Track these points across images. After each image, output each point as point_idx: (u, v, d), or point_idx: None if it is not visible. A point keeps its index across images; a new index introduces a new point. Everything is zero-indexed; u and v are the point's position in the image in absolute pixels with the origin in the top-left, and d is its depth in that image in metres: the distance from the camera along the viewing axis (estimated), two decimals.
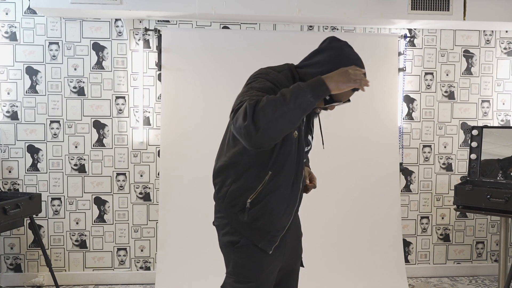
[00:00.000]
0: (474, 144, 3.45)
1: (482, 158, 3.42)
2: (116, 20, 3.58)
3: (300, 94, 1.47)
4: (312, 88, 1.50)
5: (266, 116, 1.43)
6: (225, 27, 3.65)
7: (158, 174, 3.61)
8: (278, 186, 1.68)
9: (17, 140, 3.58)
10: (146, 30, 3.57)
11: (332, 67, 1.64)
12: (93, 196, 3.64)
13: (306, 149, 1.83)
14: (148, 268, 3.70)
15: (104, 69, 3.60)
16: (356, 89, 1.67)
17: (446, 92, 3.85)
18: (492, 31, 3.85)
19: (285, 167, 1.68)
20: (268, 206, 1.69)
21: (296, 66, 1.79)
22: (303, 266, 2.02)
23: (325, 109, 1.76)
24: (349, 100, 1.76)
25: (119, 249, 3.69)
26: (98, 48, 3.58)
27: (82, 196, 3.64)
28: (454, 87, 3.86)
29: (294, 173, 1.71)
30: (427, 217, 3.90)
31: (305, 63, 1.76)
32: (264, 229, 1.73)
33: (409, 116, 3.83)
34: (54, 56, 3.56)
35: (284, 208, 1.74)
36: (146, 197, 3.67)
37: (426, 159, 3.86)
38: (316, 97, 1.50)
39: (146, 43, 3.60)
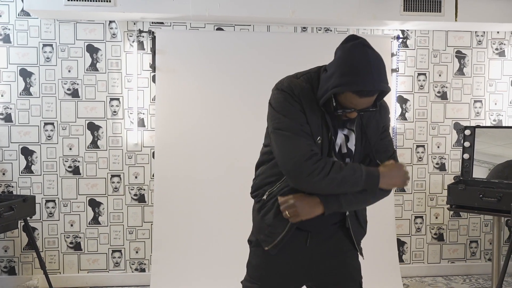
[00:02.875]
0: (467, 144, 3.48)
1: (501, 161, 3.41)
2: (110, 22, 3.58)
3: (355, 184, 1.57)
4: (366, 181, 1.59)
5: (318, 185, 1.54)
6: (219, 29, 3.66)
7: (153, 176, 3.61)
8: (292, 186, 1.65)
9: (11, 142, 3.57)
10: (140, 32, 3.57)
11: (334, 71, 1.54)
12: (88, 198, 3.64)
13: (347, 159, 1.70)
14: (143, 270, 3.70)
15: (98, 71, 3.60)
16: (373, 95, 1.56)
17: (439, 92, 3.88)
18: (484, 32, 3.89)
19: None
20: (276, 202, 1.67)
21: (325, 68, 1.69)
22: None
23: (346, 117, 1.63)
24: (374, 107, 1.60)
25: (114, 251, 3.68)
26: (92, 50, 3.58)
27: (76, 198, 3.63)
28: (446, 87, 3.89)
29: None
30: (421, 217, 3.92)
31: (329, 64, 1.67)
32: (267, 224, 1.69)
33: (403, 116, 3.85)
34: (48, 58, 3.56)
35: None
36: (141, 198, 3.67)
37: (420, 159, 3.89)
38: (365, 188, 1.59)
39: (140, 45, 3.60)
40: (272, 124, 1.63)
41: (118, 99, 3.62)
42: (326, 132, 1.63)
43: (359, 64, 1.50)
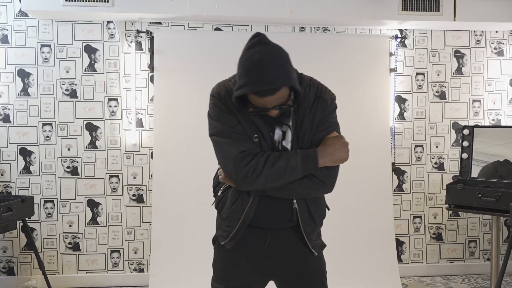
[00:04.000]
0: (465, 143, 3.48)
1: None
2: (108, 22, 3.58)
3: (292, 173, 1.57)
4: (304, 166, 1.58)
5: (256, 184, 1.57)
6: (217, 29, 3.66)
7: (151, 176, 3.61)
8: None
9: (9, 143, 3.56)
10: (138, 32, 3.57)
11: (237, 74, 1.54)
12: (86, 199, 3.64)
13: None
14: (141, 270, 3.70)
15: (96, 71, 3.59)
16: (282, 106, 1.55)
17: (437, 92, 3.88)
18: (482, 31, 3.88)
19: None
20: (229, 196, 1.69)
21: None
22: None
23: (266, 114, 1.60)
24: (285, 105, 1.56)
25: (112, 251, 3.68)
26: (90, 50, 3.58)
27: (75, 199, 3.63)
28: (445, 87, 3.88)
29: None
30: (420, 217, 3.92)
31: None
32: (223, 218, 1.71)
33: (401, 116, 3.85)
34: (46, 58, 3.56)
35: (236, 197, 1.66)
36: (139, 199, 3.67)
37: (418, 159, 3.89)
38: (305, 173, 1.59)
39: (138, 45, 3.60)
40: (208, 130, 1.69)
41: (116, 99, 3.62)
42: (267, 130, 1.62)
43: (250, 64, 1.48)
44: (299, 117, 1.64)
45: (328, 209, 1.86)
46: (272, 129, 1.64)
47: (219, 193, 1.74)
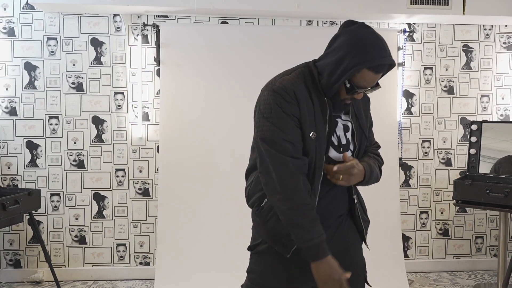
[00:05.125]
0: (473, 139, 3.45)
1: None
2: (115, 15, 3.56)
3: (299, 238, 1.54)
4: (309, 251, 1.54)
5: (280, 210, 1.57)
6: (223, 22, 3.64)
7: (157, 170, 3.61)
8: None
9: (15, 136, 3.57)
10: (145, 25, 3.55)
11: (347, 52, 1.53)
12: (92, 192, 3.64)
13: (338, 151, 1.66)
14: (147, 264, 3.70)
15: (102, 64, 3.59)
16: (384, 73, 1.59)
17: (445, 87, 3.85)
18: (492, 26, 3.84)
19: None
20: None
21: (315, 61, 1.68)
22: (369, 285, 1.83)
23: (353, 98, 1.63)
24: (378, 85, 1.61)
25: (118, 245, 3.69)
26: (96, 43, 3.57)
27: (81, 192, 3.63)
28: (453, 81, 3.85)
29: (310, 175, 1.60)
30: (427, 212, 3.90)
31: (324, 53, 1.66)
32: (276, 230, 1.63)
33: (409, 111, 3.82)
34: (52, 51, 3.55)
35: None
36: (145, 192, 3.67)
37: (426, 154, 3.86)
38: (302, 248, 1.55)
39: (145, 39, 3.58)
40: (257, 131, 1.60)
41: (122, 93, 3.61)
42: (323, 124, 1.60)
43: (372, 40, 1.53)
44: (356, 113, 1.72)
45: None
46: (335, 124, 1.66)
47: (262, 204, 1.66)
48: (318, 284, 1.55)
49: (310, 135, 1.57)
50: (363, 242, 1.82)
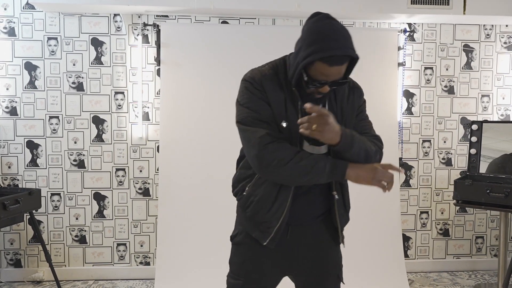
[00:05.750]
0: (473, 138, 3.45)
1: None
2: (115, 15, 3.56)
3: (318, 174, 1.54)
4: (332, 172, 1.54)
5: (278, 175, 1.55)
6: (224, 22, 3.64)
7: (158, 170, 3.61)
8: None
9: (16, 136, 3.57)
10: (145, 25, 3.55)
11: (301, 45, 1.52)
12: (93, 192, 3.65)
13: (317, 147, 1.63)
14: (147, 263, 3.71)
15: (103, 64, 3.59)
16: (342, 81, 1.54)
17: (445, 86, 3.84)
18: (492, 26, 3.83)
19: None
20: (257, 194, 1.66)
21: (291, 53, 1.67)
22: (342, 282, 1.83)
23: (320, 92, 1.59)
24: (345, 79, 1.56)
25: (118, 244, 3.69)
26: (97, 43, 3.58)
27: (81, 192, 3.64)
28: (453, 81, 3.85)
29: None
30: (427, 212, 3.90)
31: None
32: (255, 218, 1.68)
33: (409, 111, 3.82)
34: (53, 51, 3.55)
35: (273, 198, 1.63)
36: (145, 192, 3.67)
37: (426, 154, 3.86)
38: (329, 179, 1.57)
39: (145, 38, 3.58)
40: (236, 118, 1.67)
41: (122, 92, 3.61)
42: (295, 115, 1.59)
43: (325, 32, 1.49)
44: (337, 107, 1.67)
45: None
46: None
47: (244, 193, 1.71)
48: (372, 183, 1.55)
49: (282, 123, 1.59)
50: (340, 239, 1.77)
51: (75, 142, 3.61)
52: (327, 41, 1.47)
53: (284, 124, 1.58)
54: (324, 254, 1.75)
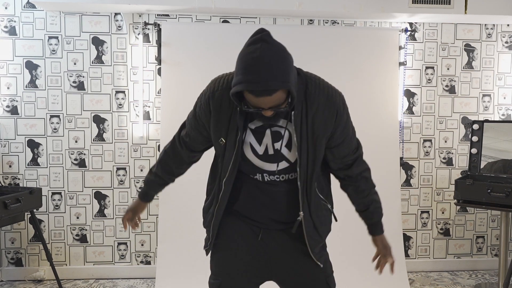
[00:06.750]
0: (475, 138, 3.44)
1: (507, 156, 3.38)
2: (116, 14, 3.56)
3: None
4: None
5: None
6: (225, 21, 3.63)
7: None
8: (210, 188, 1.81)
9: (17, 135, 3.58)
10: (146, 24, 3.55)
11: (235, 69, 1.48)
12: (94, 191, 3.65)
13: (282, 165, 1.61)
14: (148, 263, 3.71)
15: (104, 63, 3.59)
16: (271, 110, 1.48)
17: (447, 86, 3.84)
18: (494, 25, 3.83)
19: (219, 173, 1.73)
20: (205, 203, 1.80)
21: None
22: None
23: (260, 113, 1.53)
24: (283, 105, 1.47)
25: (119, 244, 3.69)
26: (97, 42, 3.57)
27: (82, 191, 3.64)
28: (455, 81, 3.84)
29: (218, 174, 1.71)
30: (427, 212, 3.90)
31: None
32: (204, 223, 1.79)
33: (410, 110, 3.81)
34: (53, 50, 3.55)
35: (211, 207, 1.72)
36: None
37: (427, 154, 3.86)
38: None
39: (146, 37, 3.58)
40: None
41: (123, 92, 3.61)
42: (234, 133, 1.59)
43: (248, 61, 1.41)
44: (308, 121, 1.55)
45: (336, 220, 1.84)
46: (246, 131, 1.61)
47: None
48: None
49: (219, 141, 1.64)
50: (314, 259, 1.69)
51: (76, 141, 3.61)
52: (247, 74, 1.40)
53: (222, 141, 1.63)
54: (304, 259, 1.67)
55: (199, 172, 3.48)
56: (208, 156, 3.76)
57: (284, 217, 1.66)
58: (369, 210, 1.79)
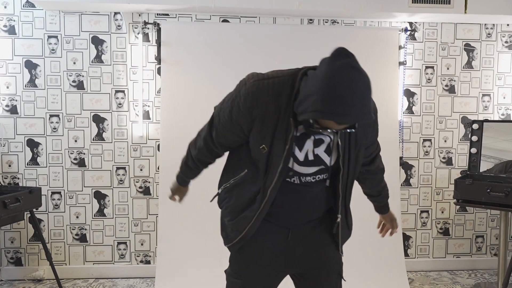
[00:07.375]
0: (474, 138, 3.45)
1: (507, 156, 3.38)
2: (115, 13, 3.56)
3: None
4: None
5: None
6: (224, 21, 3.63)
7: (158, 168, 3.61)
8: (240, 186, 1.72)
9: (16, 134, 3.57)
10: (146, 23, 3.55)
11: (315, 91, 1.37)
12: (93, 190, 3.65)
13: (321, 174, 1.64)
14: (148, 262, 3.71)
15: (103, 63, 3.58)
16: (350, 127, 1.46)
17: (446, 86, 3.84)
18: (493, 25, 3.83)
19: (249, 173, 1.67)
20: (230, 200, 1.75)
21: (308, 69, 1.53)
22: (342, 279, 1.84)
23: (320, 132, 1.56)
24: (354, 127, 1.45)
25: (119, 243, 3.69)
26: (97, 41, 3.57)
27: (82, 190, 3.64)
28: (454, 81, 3.84)
29: (262, 183, 1.63)
30: (427, 211, 3.90)
31: (315, 68, 1.48)
32: (223, 222, 1.79)
33: (410, 110, 3.81)
34: (53, 49, 3.55)
35: (246, 211, 1.67)
36: (146, 191, 3.67)
37: (426, 153, 3.86)
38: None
39: (146, 37, 3.58)
40: (217, 106, 1.81)
41: (123, 91, 3.61)
42: (282, 144, 1.54)
43: (343, 94, 1.32)
44: (352, 134, 1.62)
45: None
46: (296, 141, 1.56)
47: (219, 190, 1.79)
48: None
49: (260, 147, 1.58)
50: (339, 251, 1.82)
51: (76, 141, 3.61)
52: (344, 108, 1.32)
53: (264, 149, 1.56)
54: (324, 252, 1.76)
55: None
56: None
57: (315, 215, 1.72)
58: (382, 195, 1.98)
